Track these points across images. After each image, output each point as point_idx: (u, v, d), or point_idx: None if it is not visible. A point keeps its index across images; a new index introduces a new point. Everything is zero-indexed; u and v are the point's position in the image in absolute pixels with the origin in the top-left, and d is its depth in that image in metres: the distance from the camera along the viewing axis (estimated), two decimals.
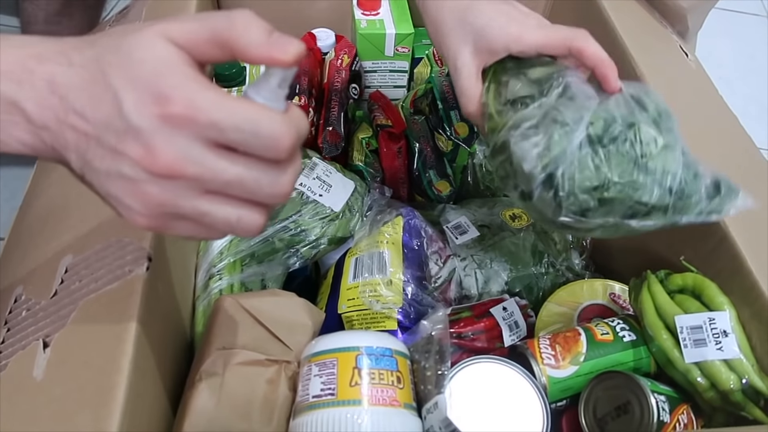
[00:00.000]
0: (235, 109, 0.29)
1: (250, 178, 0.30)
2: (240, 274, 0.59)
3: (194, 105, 0.28)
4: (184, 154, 0.29)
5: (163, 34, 0.29)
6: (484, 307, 0.58)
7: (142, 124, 0.29)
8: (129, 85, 0.29)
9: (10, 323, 0.46)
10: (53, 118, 0.30)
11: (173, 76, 0.29)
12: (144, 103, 0.29)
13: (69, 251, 0.48)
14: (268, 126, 0.29)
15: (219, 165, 0.30)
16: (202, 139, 0.29)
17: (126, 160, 0.29)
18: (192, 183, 0.30)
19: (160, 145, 0.29)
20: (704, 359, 0.46)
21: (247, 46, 0.29)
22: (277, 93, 0.31)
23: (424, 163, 0.74)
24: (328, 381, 0.45)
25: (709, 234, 0.52)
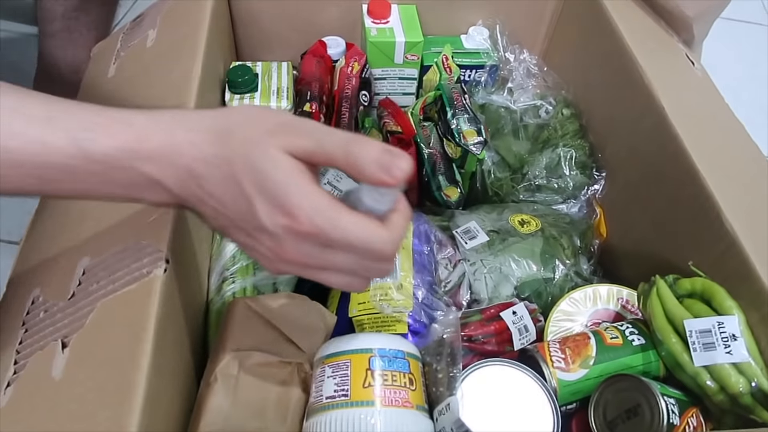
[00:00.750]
0: (348, 229, 0.35)
1: (360, 268, 0.38)
2: (252, 278, 0.59)
3: (316, 225, 0.34)
4: (307, 253, 0.36)
5: (287, 148, 0.35)
6: (494, 310, 0.59)
7: (273, 230, 0.35)
8: (261, 196, 0.35)
9: (27, 324, 0.47)
10: (192, 195, 0.37)
11: (297, 196, 0.34)
12: (274, 215, 0.35)
13: (86, 253, 0.49)
14: (375, 244, 0.36)
15: (335, 259, 0.37)
16: (323, 245, 0.36)
17: (260, 245, 0.37)
18: (313, 268, 0.38)
19: (288, 247, 0.36)
20: (713, 363, 0.47)
21: (359, 177, 0.35)
22: (385, 199, 0.36)
23: (434, 169, 0.75)
24: (341, 382, 0.46)
25: (717, 239, 0.53)
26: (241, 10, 0.80)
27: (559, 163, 0.75)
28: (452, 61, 0.82)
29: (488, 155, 0.77)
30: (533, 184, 0.76)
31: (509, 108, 0.80)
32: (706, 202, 0.54)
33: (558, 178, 0.75)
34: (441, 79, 0.82)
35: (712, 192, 0.54)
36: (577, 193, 0.75)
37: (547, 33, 0.88)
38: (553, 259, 0.64)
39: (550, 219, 0.70)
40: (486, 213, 0.71)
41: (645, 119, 0.64)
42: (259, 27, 0.82)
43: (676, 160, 0.58)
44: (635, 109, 0.66)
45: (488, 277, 0.63)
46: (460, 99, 0.77)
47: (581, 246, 0.68)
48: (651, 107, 0.62)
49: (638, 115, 0.66)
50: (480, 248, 0.65)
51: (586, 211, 0.74)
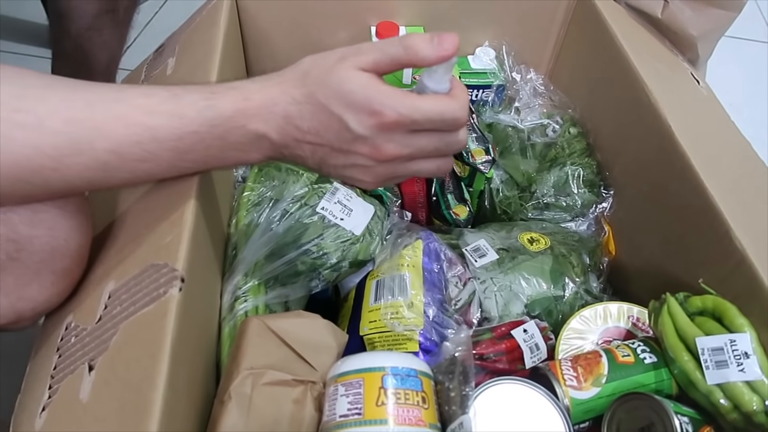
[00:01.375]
0: (426, 108, 0.42)
1: (442, 144, 0.45)
2: (264, 296, 0.60)
3: (400, 113, 0.41)
4: (399, 145, 0.43)
5: (357, 66, 0.41)
6: (505, 329, 0.59)
7: (365, 132, 0.42)
8: (348, 109, 0.41)
9: (61, 350, 0.48)
10: (292, 140, 0.44)
11: (378, 96, 0.41)
12: (363, 119, 0.41)
13: (111, 278, 0.49)
14: (449, 112, 0.43)
15: (422, 143, 0.44)
16: (409, 131, 0.43)
17: (358, 156, 0.44)
18: (406, 158, 0.44)
19: (383, 144, 0.43)
20: (726, 381, 0.47)
21: (421, 60, 0.42)
22: (444, 78, 0.44)
23: (443, 188, 0.75)
24: (354, 401, 0.46)
25: (726, 257, 0.53)
26: (253, 34, 0.82)
27: (567, 182, 0.76)
28: (460, 81, 0.83)
29: (496, 174, 0.78)
30: (541, 203, 0.77)
31: (516, 127, 0.81)
32: (715, 219, 0.54)
33: (566, 196, 0.76)
34: None
35: (720, 209, 0.54)
36: (585, 211, 0.76)
37: (553, 53, 0.89)
38: (563, 277, 0.65)
39: (559, 237, 0.71)
40: (495, 231, 0.71)
41: (652, 137, 0.64)
42: (270, 49, 0.83)
43: (684, 177, 0.58)
44: (642, 128, 0.67)
45: (498, 295, 0.63)
46: (468, 118, 0.78)
47: (590, 264, 0.69)
48: (658, 126, 0.63)
49: (645, 133, 0.66)
50: (490, 266, 0.65)
51: (594, 229, 0.74)
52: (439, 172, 0.47)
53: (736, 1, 0.75)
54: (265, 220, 0.63)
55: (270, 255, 0.62)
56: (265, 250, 0.62)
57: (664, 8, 0.77)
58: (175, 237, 0.48)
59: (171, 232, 0.49)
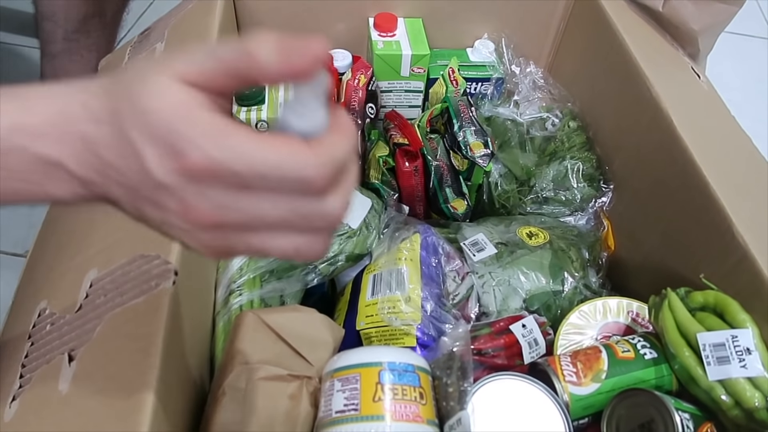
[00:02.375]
0: (255, 158, 0.27)
1: (295, 216, 0.29)
2: (259, 290, 0.59)
3: (212, 158, 0.27)
4: (217, 205, 0.28)
5: (174, 76, 0.28)
6: (504, 324, 0.58)
7: (167, 180, 0.27)
8: (146, 139, 0.27)
9: (33, 337, 0.47)
10: (96, 174, 0.30)
11: (187, 128, 0.27)
12: (164, 159, 0.27)
13: (93, 266, 0.48)
14: (293, 170, 0.27)
15: (258, 208, 0.28)
16: (231, 187, 0.28)
17: (169, 213, 0.29)
18: (238, 227, 0.29)
19: (192, 200, 0.28)
20: (728, 377, 0.46)
21: (263, 71, 0.27)
22: (312, 110, 0.28)
23: (441, 182, 0.75)
24: (351, 396, 0.45)
25: (728, 252, 0.52)
26: (248, 24, 0.81)
27: (566, 176, 0.75)
28: (458, 73, 0.82)
29: (495, 167, 0.77)
30: (540, 197, 0.76)
31: (515, 120, 0.80)
32: (717, 214, 0.53)
33: (565, 190, 0.75)
34: (447, 91, 0.82)
35: (723, 204, 0.53)
36: (584, 205, 0.75)
37: (553, 46, 0.88)
38: (562, 272, 0.64)
39: (558, 231, 0.70)
40: (493, 225, 0.70)
41: (653, 132, 0.64)
42: None
43: (686, 172, 0.58)
44: (643, 122, 0.66)
45: (497, 289, 0.63)
46: (467, 111, 0.77)
47: (589, 258, 0.68)
48: (659, 120, 0.62)
49: (646, 127, 0.66)
50: (488, 261, 0.64)
51: (593, 224, 0.74)
52: (301, 257, 0.31)
53: None
54: None
55: None
56: None
57: (666, 2, 0.76)
58: None
59: None
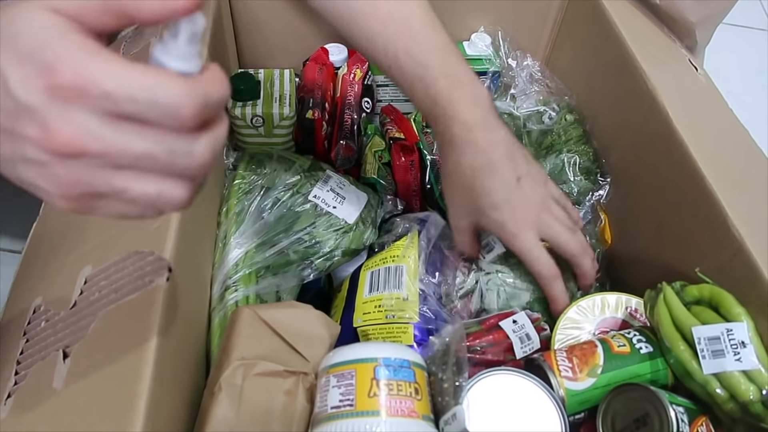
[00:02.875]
0: (127, 78, 0.26)
1: (161, 150, 0.28)
2: (255, 286, 0.59)
3: (82, 75, 0.26)
4: (81, 129, 0.26)
5: (46, 6, 0.27)
6: (494, 320, 0.58)
7: (31, 100, 0.26)
8: (12, 60, 0.26)
9: (29, 334, 0.47)
10: None
11: (57, 45, 0.26)
12: (30, 78, 0.26)
13: (88, 262, 0.48)
14: (165, 95, 0.26)
15: (123, 139, 0.27)
16: (98, 111, 0.26)
17: (26, 142, 0.27)
18: (99, 160, 0.27)
19: (55, 122, 0.26)
20: (723, 370, 0.46)
21: (139, 6, 0.26)
22: (186, 51, 0.27)
23: (437, 176, 0.74)
24: (346, 392, 0.45)
25: (724, 246, 0.52)
26: (244, 18, 0.80)
27: (563, 169, 0.75)
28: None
29: None
30: None
31: (512, 114, 0.80)
32: (713, 208, 0.53)
33: (562, 183, 0.75)
34: None
35: (718, 198, 0.53)
36: (581, 198, 0.75)
37: (550, 39, 0.88)
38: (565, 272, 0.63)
39: None
40: None
41: (649, 125, 0.64)
42: (262, 35, 0.82)
43: (682, 165, 0.57)
44: (640, 115, 0.66)
45: (501, 289, 0.62)
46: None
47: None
48: (656, 113, 0.62)
49: (642, 120, 0.65)
50: (496, 259, 0.64)
51: (591, 217, 0.74)
52: (163, 202, 0.29)
53: None
54: (256, 209, 0.62)
55: (261, 244, 0.61)
56: (256, 239, 0.61)
57: None
58: (163, 224, 0.48)
59: (158, 219, 0.48)
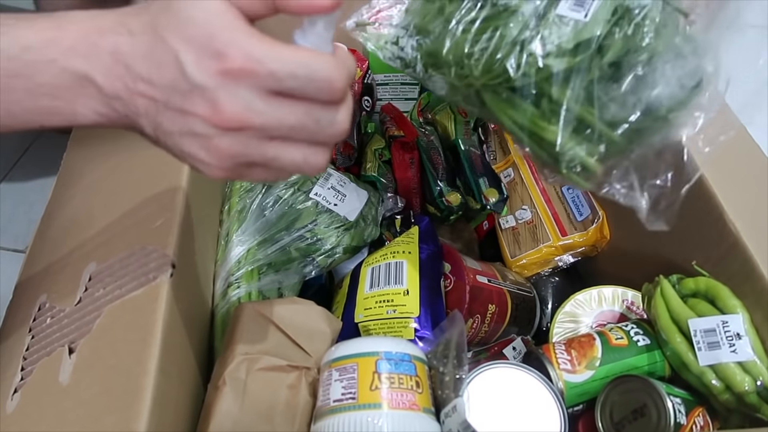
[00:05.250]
0: (289, 58, 0.30)
1: (310, 120, 0.32)
2: (257, 283, 0.60)
3: (251, 58, 0.30)
4: (247, 106, 0.31)
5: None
6: (497, 348, 0.61)
7: (204, 81, 0.30)
8: (186, 45, 0.30)
9: (34, 330, 0.47)
10: (123, 88, 0.32)
11: (226, 31, 0.30)
12: (203, 61, 0.30)
13: (92, 259, 0.49)
14: (321, 70, 0.31)
15: (281, 112, 0.31)
16: (262, 89, 0.31)
17: (195, 118, 0.31)
18: (258, 132, 0.32)
19: (225, 100, 0.30)
20: (718, 362, 0.47)
21: (289, 6, 0.31)
22: (323, 37, 0.32)
23: (435, 175, 0.75)
24: (348, 385, 0.46)
25: (720, 239, 0.53)
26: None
27: None
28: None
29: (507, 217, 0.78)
30: None
31: None
32: (709, 202, 0.54)
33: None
34: (456, 123, 0.82)
35: (714, 192, 0.54)
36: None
37: None
38: None
39: None
40: None
41: None
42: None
43: None
44: None
45: None
46: (479, 160, 0.77)
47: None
48: None
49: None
50: None
51: (590, 213, 0.74)
52: (307, 167, 0.34)
53: None
54: (258, 206, 0.63)
55: (263, 241, 0.62)
56: (258, 237, 0.62)
57: None
58: (166, 221, 0.48)
59: (161, 216, 0.48)
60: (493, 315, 0.63)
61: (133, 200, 0.51)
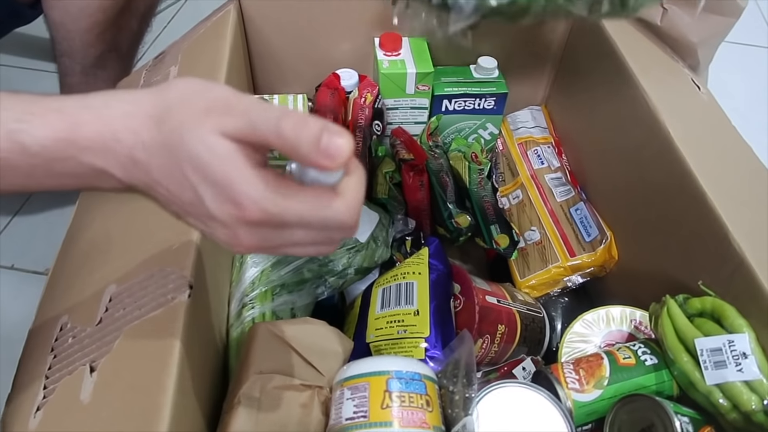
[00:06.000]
0: (301, 211, 0.33)
1: (324, 239, 0.36)
2: (271, 303, 0.61)
3: (266, 212, 0.32)
4: (264, 238, 0.34)
5: (220, 130, 0.32)
6: (507, 368, 0.62)
7: (224, 219, 0.33)
8: (205, 184, 0.32)
9: (56, 350, 0.49)
10: (142, 183, 0.35)
11: (239, 182, 0.32)
12: (222, 204, 0.32)
13: (112, 281, 0.51)
14: (333, 218, 0.34)
15: (296, 237, 0.34)
16: (279, 228, 0.34)
17: (215, 231, 0.34)
18: (275, 247, 0.35)
19: (243, 235, 0.33)
20: (725, 381, 0.47)
21: (297, 158, 0.32)
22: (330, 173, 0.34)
23: (444, 197, 0.76)
24: (360, 404, 0.47)
25: (725, 260, 0.54)
26: (258, 46, 0.83)
27: None
28: (482, 156, 0.85)
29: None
30: None
31: None
32: (714, 223, 0.55)
33: None
34: (471, 171, 0.83)
35: (719, 214, 0.54)
36: None
37: (555, 61, 0.90)
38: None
39: None
40: None
41: (651, 143, 0.65)
42: (276, 61, 0.85)
43: (683, 182, 0.59)
44: (641, 134, 0.68)
45: None
46: (492, 208, 0.79)
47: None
48: (656, 131, 0.63)
49: (644, 139, 0.67)
50: None
51: (598, 234, 0.75)
52: (318, 255, 0.41)
53: (734, 7, 0.76)
54: None
55: (277, 263, 0.63)
56: (272, 258, 0.63)
57: (663, 15, 0.78)
58: (184, 244, 0.50)
59: (179, 239, 0.50)
60: (503, 335, 0.64)
61: (151, 224, 0.53)
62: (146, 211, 0.55)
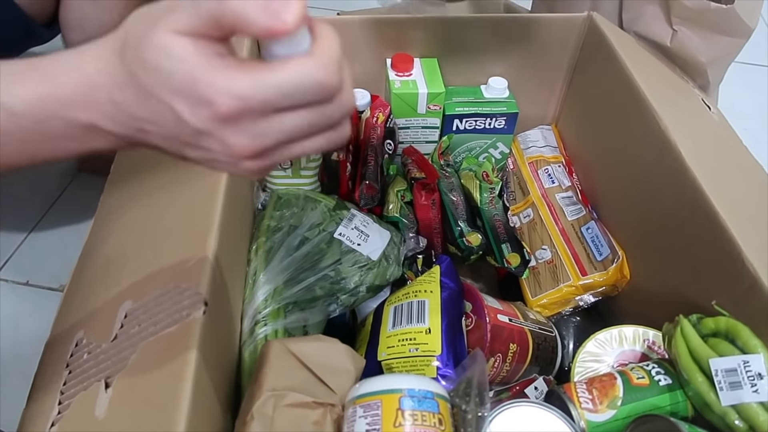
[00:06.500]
0: (273, 82, 0.30)
1: (319, 116, 0.33)
2: (283, 320, 0.61)
3: (237, 97, 0.30)
4: (255, 134, 0.32)
5: (168, 30, 0.30)
6: (519, 387, 0.62)
7: (205, 127, 0.31)
8: (173, 94, 0.31)
9: (71, 366, 0.49)
10: (132, 129, 0.33)
11: (204, 76, 0.30)
12: (196, 109, 0.31)
13: (128, 298, 0.51)
14: (308, 79, 0.30)
15: (289, 124, 0.32)
16: (261, 115, 0.31)
17: (213, 152, 0.33)
18: (277, 147, 0.33)
19: (232, 138, 0.32)
20: (740, 402, 0.47)
21: (246, 27, 0.29)
22: (298, 40, 0.31)
23: (455, 216, 0.77)
24: (372, 422, 0.47)
25: (739, 280, 0.53)
26: None
27: None
28: (493, 175, 0.86)
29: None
30: None
31: None
32: (727, 243, 0.55)
33: None
34: (482, 190, 0.84)
35: (732, 234, 0.55)
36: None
37: (565, 82, 0.90)
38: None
39: None
40: None
41: (662, 163, 0.65)
42: None
43: (696, 203, 0.59)
44: (652, 154, 0.68)
45: None
46: (503, 227, 0.80)
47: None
48: (668, 152, 0.64)
49: (655, 159, 0.67)
50: None
51: (609, 253, 0.75)
52: (333, 145, 0.36)
53: (743, 28, 0.76)
54: (285, 246, 0.65)
55: (289, 280, 0.63)
56: (284, 276, 0.64)
57: (673, 37, 0.79)
58: (199, 261, 0.50)
59: (194, 256, 0.51)
60: (515, 354, 0.64)
61: (166, 240, 0.54)
62: (162, 227, 0.56)
